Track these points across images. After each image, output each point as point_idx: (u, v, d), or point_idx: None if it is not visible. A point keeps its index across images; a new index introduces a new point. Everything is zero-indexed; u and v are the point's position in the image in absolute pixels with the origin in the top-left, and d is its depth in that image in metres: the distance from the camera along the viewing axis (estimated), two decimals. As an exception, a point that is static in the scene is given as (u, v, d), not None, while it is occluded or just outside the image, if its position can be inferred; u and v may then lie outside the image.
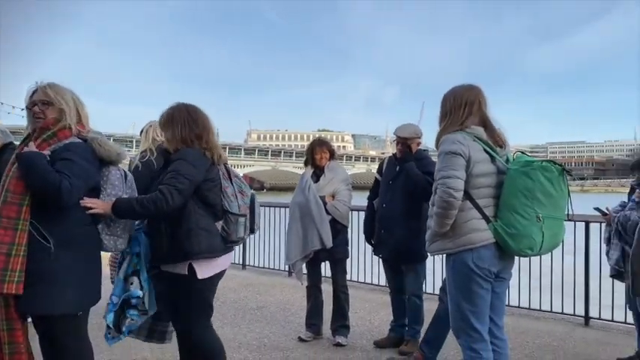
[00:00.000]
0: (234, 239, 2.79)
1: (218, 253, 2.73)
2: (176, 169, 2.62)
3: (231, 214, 2.74)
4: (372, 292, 6.32)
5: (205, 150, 2.74)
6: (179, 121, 2.75)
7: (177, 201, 2.58)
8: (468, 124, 2.66)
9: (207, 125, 2.82)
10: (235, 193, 2.79)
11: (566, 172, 2.56)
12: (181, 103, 2.87)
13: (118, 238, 2.61)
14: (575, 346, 4.49)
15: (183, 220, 2.64)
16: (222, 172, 2.81)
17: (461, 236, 2.60)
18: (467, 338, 2.66)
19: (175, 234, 2.64)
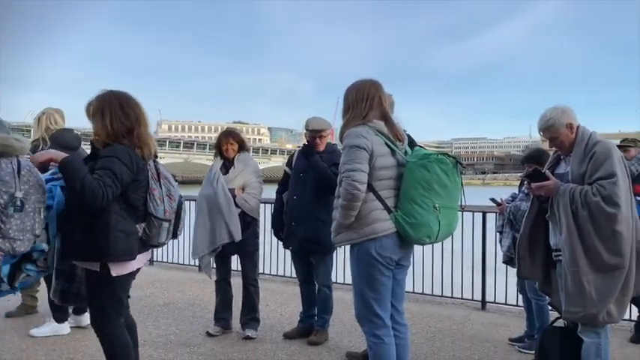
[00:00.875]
0: (154, 243, 2.71)
1: (134, 256, 2.63)
2: (109, 167, 2.48)
3: (155, 217, 2.63)
4: (284, 285, 6.34)
5: (136, 147, 2.61)
6: (109, 113, 2.59)
7: (107, 200, 2.46)
8: (371, 118, 2.76)
9: (140, 117, 2.66)
10: (162, 197, 2.66)
11: (459, 164, 2.73)
12: (112, 91, 2.69)
13: (14, 241, 2.37)
14: (473, 328, 4.79)
15: (102, 219, 2.51)
16: (151, 172, 2.68)
17: (365, 226, 2.69)
18: (370, 325, 2.75)
19: (92, 232, 2.52)
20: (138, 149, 2.61)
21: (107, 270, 2.57)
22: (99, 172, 2.47)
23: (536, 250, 3.13)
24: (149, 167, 2.67)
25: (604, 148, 2.85)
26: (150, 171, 2.67)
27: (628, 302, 2.92)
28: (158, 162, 2.79)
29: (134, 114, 2.64)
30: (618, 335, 4.49)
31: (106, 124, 2.58)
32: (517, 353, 4.07)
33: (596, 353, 2.83)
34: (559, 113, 2.99)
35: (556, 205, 2.92)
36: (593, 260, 2.80)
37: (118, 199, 2.54)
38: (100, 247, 2.51)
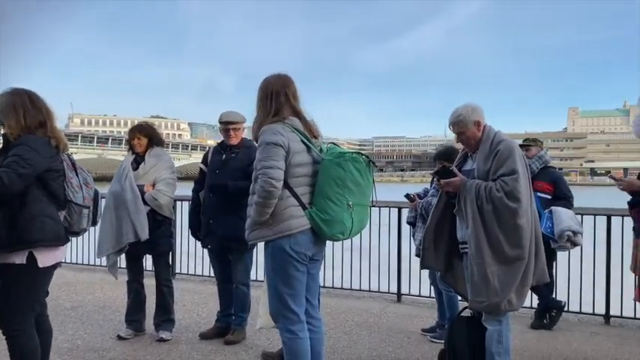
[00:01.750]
0: (76, 230, 2.81)
1: (62, 242, 2.74)
2: (18, 153, 2.56)
3: (75, 204, 2.74)
4: (201, 284, 6.19)
5: (50, 138, 2.70)
6: (21, 108, 2.67)
7: (16, 184, 2.52)
8: (286, 115, 2.75)
9: (49, 112, 2.77)
10: (80, 184, 2.79)
11: (372, 163, 2.80)
12: (19, 88, 2.77)
13: None
14: (389, 320, 4.92)
15: (26, 207, 2.59)
16: (66, 162, 2.79)
17: (280, 223, 2.69)
18: (285, 321, 2.75)
19: (16, 222, 2.57)
20: (53, 140, 2.70)
21: (33, 261, 2.61)
22: (8, 160, 2.54)
23: (440, 241, 3.28)
24: (64, 158, 2.77)
25: (507, 146, 3.03)
26: (65, 161, 2.77)
27: (527, 292, 3.12)
28: (71, 155, 2.90)
29: (45, 108, 2.75)
30: (520, 322, 4.81)
31: (20, 119, 2.65)
32: (429, 343, 4.24)
33: (498, 340, 3.01)
34: (469, 110, 3.14)
35: (463, 200, 3.07)
36: (496, 252, 2.96)
37: (40, 188, 2.63)
38: (29, 235, 2.58)
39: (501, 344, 3.01)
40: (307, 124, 2.81)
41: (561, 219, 4.58)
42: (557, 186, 4.85)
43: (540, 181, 4.87)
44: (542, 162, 4.95)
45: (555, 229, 4.57)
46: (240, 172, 3.85)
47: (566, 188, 4.89)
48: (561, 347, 4.20)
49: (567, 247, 4.64)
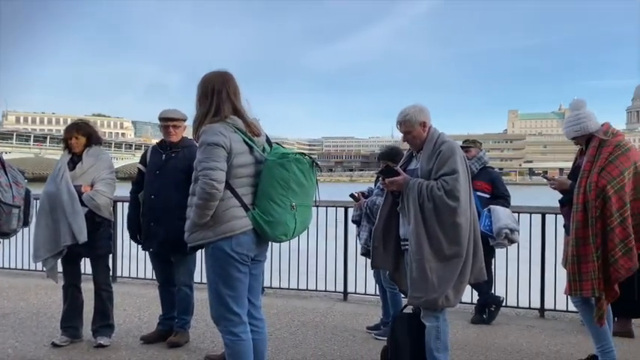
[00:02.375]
0: (5, 230, 2.75)
1: None
2: None
3: (4, 204, 2.69)
4: (144, 287, 6.02)
5: None
6: None
7: None
8: (227, 114, 2.71)
9: None
10: (10, 184, 2.71)
11: (315, 164, 2.80)
12: None
13: None
14: (335, 319, 4.96)
15: None
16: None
17: (221, 224, 2.64)
18: (226, 323, 2.71)
19: None
20: None
21: None
22: None
23: (389, 241, 3.33)
24: None
25: (449, 147, 3.12)
26: None
27: (464, 288, 3.21)
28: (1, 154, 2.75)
29: None
30: (462, 318, 4.97)
31: None
32: (373, 340, 4.29)
33: (436, 336, 3.09)
34: (417, 111, 3.23)
35: (406, 198, 3.14)
36: (435, 249, 3.05)
37: None
38: None
39: (439, 340, 3.10)
40: (248, 123, 2.77)
41: (499, 217, 4.76)
42: (496, 185, 5.04)
43: (479, 180, 5.05)
44: (482, 163, 5.13)
45: (493, 227, 4.75)
46: (181, 172, 3.74)
47: (504, 188, 5.09)
48: (499, 340, 4.36)
49: (505, 244, 4.83)
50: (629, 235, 3.28)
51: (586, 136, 3.56)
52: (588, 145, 3.55)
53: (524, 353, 4.06)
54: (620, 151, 3.41)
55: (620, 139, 3.50)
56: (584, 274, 3.37)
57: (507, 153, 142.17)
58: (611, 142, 3.45)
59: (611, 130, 3.55)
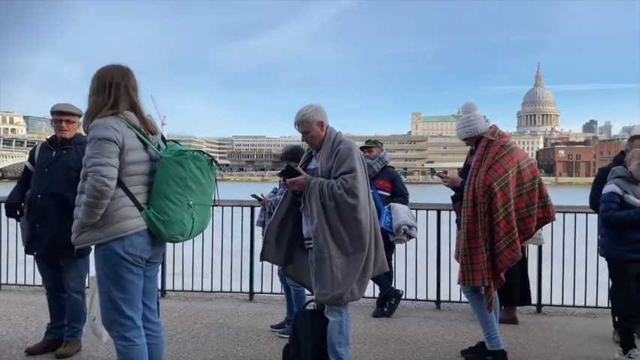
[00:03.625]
0: None
1: None
2: None
3: None
4: (33, 295, 5.57)
5: None
6: None
7: None
8: (121, 109, 2.57)
9: None
10: None
11: (214, 162, 2.74)
12: None
13: None
14: (239, 320, 4.90)
15: None
16: None
17: (112, 225, 2.50)
18: (119, 328, 2.57)
19: None
20: None
21: None
22: None
23: (282, 237, 3.37)
24: None
25: (347, 146, 3.20)
26: None
27: (368, 282, 3.31)
28: None
29: None
30: (364, 312, 5.12)
31: None
32: (277, 339, 4.29)
33: (339, 330, 3.16)
34: (313, 111, 3.26)
35: (307, 197, 3.17)
36: (339, 246, 3.11)
37: None
38: None
39: (342, 334, 3.17)
40: (144, 119, 2.64)
41: (398, 214, 4.97)
42: (395, 184, 5.25)
43: (381, 179, 5.23)
44: (383, 162, 5.31)
45: (393, 224, 4.95)
46: (73, 171, 3.50)
47: (403, 186, 5.31)
48: (398, 332, 4.55)
49: (404, 239, 5.05)
50: (512, 228, 3.55)
51: (476, 137, 3.81)
52: (478, 145, 3.79)
53: (420, 343, 4.26)
54: (506, 151, 3.68)
55: (506, 140, 3.78)
56: (474, 264, 3.60)
57: (411, 153, 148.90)
58: (498, 143, 3.71)
59: (498, 131, 3.83)
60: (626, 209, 3.79)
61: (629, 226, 3.79)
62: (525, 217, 3.64)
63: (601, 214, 3.94)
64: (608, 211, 3.83)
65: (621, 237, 3.83)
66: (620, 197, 3.82)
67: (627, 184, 3.87)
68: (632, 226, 3.79)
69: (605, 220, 3.88)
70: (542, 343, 4.30)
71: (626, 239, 3.82)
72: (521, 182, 3.66)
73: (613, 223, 3.83)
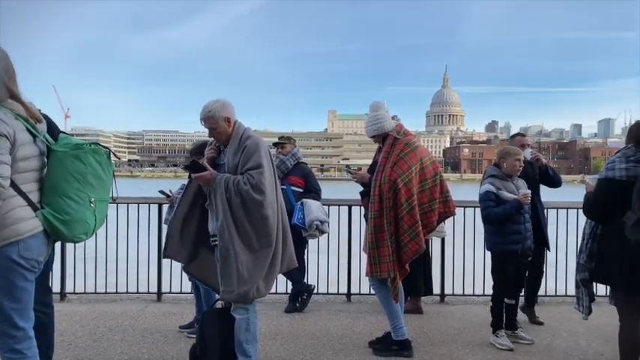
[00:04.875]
0: None
1: None
2: None
3: None
4: None
5: None
6: None
7: None
8: (4, 98, 2.33)
9: None
10: None
11: (113, 155, 2.60)
12: None
13: None
14: (146, 321, 4.71)
15: None
16: None
17: (5, 228, 2.26)
18: (8, 340, 2.33)
19: None
20: None
21: None
22: None
23: (186, 233, 3.29)
24: None
25: (254, 142, 3.16)
26: None
27: (275, 278, 3.30)
28: None
29: None
30: (276, 308, 5.13)
31: None
32: (185, 339, 4.18)
33: (246, 328, 3.13)
34: (220, 106, 3.19)
35: (213, 194, 3.11)
36: (245, 243, 3.07)
37: None
38: None
39: (249, 332, 3.14)
40: (28, 108, 2.40)
41: (311, 210, 5.02)
42: (308, 180, 5.30)
43: (294, 176, 5.26)
44: (296, 159, 5.34)
45: (306, 220, 5.00)
46: None
47: (316, 182, 5.38)
48: (309, 327, 4.59)
49: (316, 235, 5.12)
50: (416, 222, 3.71)
51: (383, 135, 3.93)
52: (384, 142, 3.92)
53: (331, 336, 4.33)
54: (410, 148, 3.83)
55: (410, 138, 3.93)
56: (381, 257, 3.72)
57: (327, 150, 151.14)
58: (402, 141, 3.86)
59: (403, 130, 3.98)
60: (502, 205, 4.10)
61: (507, 220, 4.10)
62: (428, 212, 3.82)
63: (481, 213, 4.23)
64: (487, 209, 4.12)
65: (501, 231, 4.14)
66: (495, 194, 4.13)
67: (500, 182, 4.19)
68: (510, 219, 4.10)
69: (485, 217, 4.17)
70: (445, 331, 4.54)
71: (505, 232, 4.13)
72: (424, 178, 3.83)
73: (493, 219, 4.12)
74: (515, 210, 4.09)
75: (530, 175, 4.61)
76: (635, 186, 2.94)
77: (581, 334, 4.42)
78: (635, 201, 2.90)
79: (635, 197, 2.90)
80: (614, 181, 3.05)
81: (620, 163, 3.07)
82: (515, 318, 4.38)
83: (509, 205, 4.09)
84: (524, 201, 4.11)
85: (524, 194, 4.13)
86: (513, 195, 4.15)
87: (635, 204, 2.89)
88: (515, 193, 4.17)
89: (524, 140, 5.05)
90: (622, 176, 3.03)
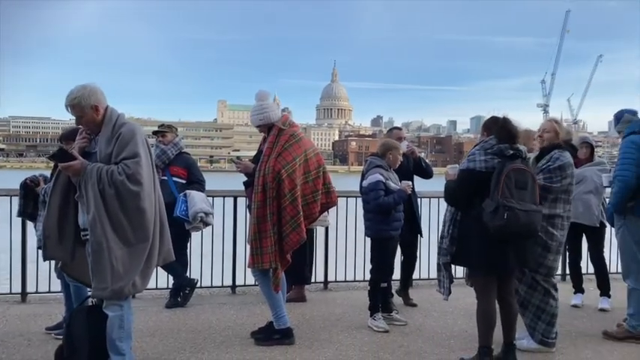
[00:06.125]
0: None
1: None
2: None
3: None
4: None
5: None
6: None
7: None
8: None
9: None
10: None
11: None
12: None
13: None
14: (7, 324, 4.31)
15: None
16: None
17: None
18: None
19: None
20: None
21: None
22: None
23: (65, 229, 3.07)
24: None
25: (129, 130, 2.99)
26: None
27: (152, 272, 3.17)
28: None
29: None
30: (156, 304, 4.94)
31: None
32: (53, 341, 3.85)
33: (120, 325, 2.98)
34: (86, 93, 2.98)
35: (84, 185, 2.91)
36: (120, 236, 2.91)
37: None
38: None
39: (123, 329, 2.99)
40: None
41: (194, 202, 4.89)
42: (191, 171, 5.15)
43: (176, 166, 5.08)
44: (178, 148, 5.16)
45: (189, 212, 4.85)
46: None
47: (199, 173, 5.24)
48: (191, 321, 4.48)
49: (200, 227, 5.00)
50: (298, 212, 3.76)
51: (268, 125, 3.92)
52: (269, 133, 3.92)
53: (213, 330, 4.26)
54: (294, 140, 3.88)
55: (295, 130, 3.97)
56: (264, 248, 3.73)
57: (217, 141, 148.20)
58: (288, 132, 3.89)
59: (289, 121, 4.01)
60: (390, 194, 4.32)
61: (394, 208, 4.34)
62: (310, 203, 3.89)
63: (373, 202, 4.37)
64: (379, 198, 4.31)
65: (387, 218, 4.36)
66: (385, 184, 4.34)
67: (386, 172, 4.42)
68: (395, 207, 4.35)
69: (377, 206, 4.33)
70: (326, 317, 4.67)
71: (390, 219, 4.37)
72: (307, 170, 3.90)
73: (385, 208, 4.32)
74: (402, 199, 4.33)
75: (405, 167, 4.88)
76: (492, 176, 3.25)
77: (449, 314, 4.80)
78: (493, 190, 3.21)
79: (493, 187, 3.21)
80: (475, 172, 3.34)
81: (480, 156, 3.38)
82: (391, 301, 4.64)
83: (398, 194, 4.31)
84: (407, 190, 4.37)
85: (407, 184, 4.40)
86: (397, 185, 4.38)
87: (494, 193, 3.20)
88: (397, 183, 4.41)
89: (400, 134, 5.33)
90: (482, 167, 3.33)
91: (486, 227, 3.21)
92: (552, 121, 4.06)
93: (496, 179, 3.22)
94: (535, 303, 3.83)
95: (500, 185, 3.18)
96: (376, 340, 4.10)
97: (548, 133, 3.91)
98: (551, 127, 3.93)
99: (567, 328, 4.35)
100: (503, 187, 3.18)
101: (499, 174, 3.23)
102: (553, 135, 3.90)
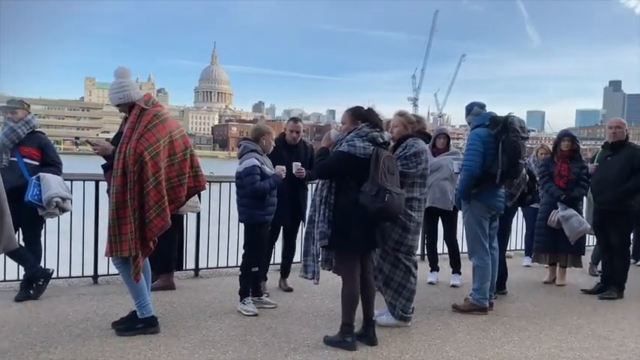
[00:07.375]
0: None
1: None
2: None
3: None
4: None
5: None
6: None
7: None
8: None
9: None
10: None
11: None
12: None
13: None
14: None
15: None
16: None
17: None
18: None
19: None
20: None
21: None
22: None
23: None
24: None
25: None
26: None
27: None
28: None
29: None
30: (4, 297, 4.49)
31: None
32: None
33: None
34: None
35: None
36: None
37: None
38: None
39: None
40: None
41: (50, 186, 4.49)
42: (46, 152, 4.72)
43: (27, 146, 4.63)
44: (30, 127, 4.69)
45: (43, 196, 4.45)
46: None
47: (55, 154, 4.81)
48: (44, 314, 4.13)
49: (56, 213, 4.61)
50: (162, 197, 3.62)
51: (129, 104, 3.71)
52: (130, 112, 3.70)
53: (69, 322, 3.97)
54: (158, 120, 3.70)
55: (159, 110, 3.79)
56: (123, 235, 3.54)
57: (84, 122, 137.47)
58: (151, 112, 3.70)
59: (152, 100, 3.82)
60: (266, 179, 4.34)
61: (269, 193, 4.37)
62: (176, 187, 3.76)
63: (249, 186, 4.33)
64: (255, 183, 4.29)
65: (261, 203, 4.37)
66: (260, 168, 4.34)
67: (261, 157, 4.44)
68: (270, 192, 4.39)
69: (253, 190, 4.30)
70: (195, 304, 4.58)
71: (265, 204, 4.39)
72: (173, 152, 3.75)
73: (260, 192, 4.32)
74: (277, 184, 4.37)
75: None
76: (370, 162, 3.48)
77: (318, 295, 4.96)
78: (372, 174, 3.43)
79: (373, 171, 3.44)
80: (355, 157, 3.52)
81: (359, 142, 3.56)
82: (262, 284, 4.68)
83: (273, 179, 4.33)
84: (282, 175, 4.42)
85: (281, 169, 4.44)
86: (272, 170, 4.40)
87: (374, 177, 3.42)
88: (272, 168, 4.43)
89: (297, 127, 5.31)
90: (361, 154, 3.54)
91: (365, 209, 3.41)
92: (398, 115, 4.34)
93: (374, 164, 3.48)
94: (397, 280, 4.10)
95: (379, 170, 3.44)
96: (244, 323, 4.12)
97: (397, 128, 4.21)
98: (398, 122, 4.23)
99: (423, 304, 4.73)
100: (382, 172, 3.42)
101: (377, 160, 3.48)
102: (402, 128, 4.21)
